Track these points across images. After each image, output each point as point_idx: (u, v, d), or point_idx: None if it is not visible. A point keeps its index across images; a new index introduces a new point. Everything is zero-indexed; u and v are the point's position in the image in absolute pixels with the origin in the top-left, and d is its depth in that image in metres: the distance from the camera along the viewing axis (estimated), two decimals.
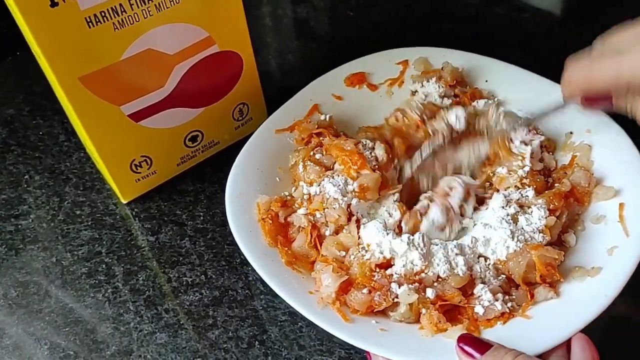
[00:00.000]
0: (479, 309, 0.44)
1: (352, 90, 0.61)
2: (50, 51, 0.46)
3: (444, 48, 0.63)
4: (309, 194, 0.52)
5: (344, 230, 0.50)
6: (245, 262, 0.53)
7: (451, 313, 0.45)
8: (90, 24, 0.46)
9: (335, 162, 0.54)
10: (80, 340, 0.50)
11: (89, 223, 0.58)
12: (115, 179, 0.56)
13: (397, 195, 0.52)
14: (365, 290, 0.45)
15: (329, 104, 0.60)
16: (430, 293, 0.45)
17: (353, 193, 0.51)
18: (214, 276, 0.53)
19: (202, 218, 0.58)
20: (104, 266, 0.55)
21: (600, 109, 0.49)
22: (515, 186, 0.51)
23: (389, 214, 0.51)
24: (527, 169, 0.51)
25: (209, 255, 0.55)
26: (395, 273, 0.46)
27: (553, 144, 0.56)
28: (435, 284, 0.46)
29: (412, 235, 0.47)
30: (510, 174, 0.52)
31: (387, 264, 0.47)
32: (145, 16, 0.48)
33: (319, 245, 0.50)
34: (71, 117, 0.54)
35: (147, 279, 0.54)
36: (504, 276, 0.47)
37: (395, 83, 0.62)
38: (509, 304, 0.45)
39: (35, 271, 0.55)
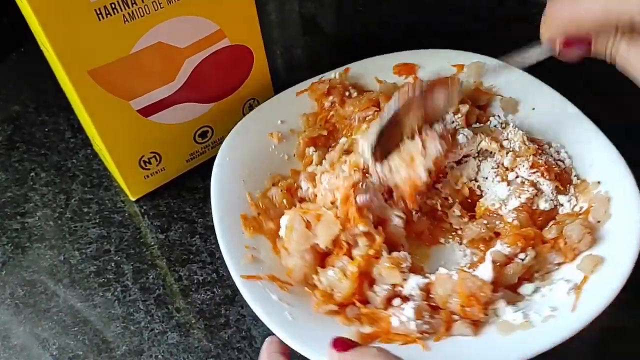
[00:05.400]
0: (394, 321, 0.43)
1: (397, 79, 0.60)
2: (59, 44, 0.45)
3: (504, 63, 0.56)
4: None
5: None
6: None
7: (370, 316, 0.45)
8: (100, 16, 0.45)
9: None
10: (90, 340, 0.49)
11: (97, 221, 0.57)
12: (124, 176, 0.55)
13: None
14: None
15: (369, 86, 0.60)
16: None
17: None
18: (225, 274, 0.52)
19: (212, 215, 0.57)
20: (112, 264, 0.54)
21: (577, 54, 0.44)
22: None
23: None
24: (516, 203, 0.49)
25: (221, 253, 0.53)
26: None
27: (582, 186, 0.51)
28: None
29: None
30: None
31: None
32: (156, 8, 0.47)
33: None
34: (79, 113, 0.53)
35: (157, 278, 0.53)
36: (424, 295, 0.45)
37: None
38: (425, 326, 0.43)
39: (43, 270, 0.54)
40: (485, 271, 0.45)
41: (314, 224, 0.47)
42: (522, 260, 0.46)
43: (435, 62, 0.60)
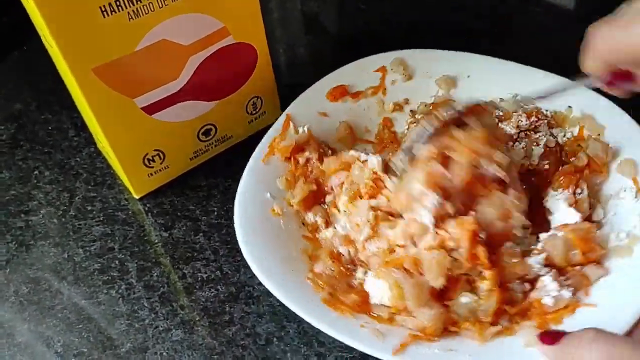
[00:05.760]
0: (547, 300, 0.43)
1: (337, 104, 0.58)
2: (64, 41, 0.45)
3: (419, 49, 0.61)
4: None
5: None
6: None
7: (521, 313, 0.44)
8: (105, 13, 0.45)
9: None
10: (94, 337, 0.49)
11: (101, 219, 0.57)
12: (128, 174, 0.55)
13: None
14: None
15: (315, 122, 0.57)
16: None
17: None
18: (229, 272, 0.52)
19: (216, 213, 0.57)
20: (117, 262, 0.54)
21: (621, 90, 0.44)
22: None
23: None
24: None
25: (224, 251, 0.54)
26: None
27: (560, 117, 0.55)
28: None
29: None
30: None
31: None
32: (161, 6, 0.47)
33: None
34: (83, 111, 0.53)
35: (162, 275, 0.53)
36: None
37: (379, 91, 0.60)
38: (572, 289, 0.44)
39: (47, 267, 0.54)
40: (572, 215, 0.47)
41: (415, 271, 0.44)
42: (581, 194, 0.49)
43: (359, 75, 0.60)
